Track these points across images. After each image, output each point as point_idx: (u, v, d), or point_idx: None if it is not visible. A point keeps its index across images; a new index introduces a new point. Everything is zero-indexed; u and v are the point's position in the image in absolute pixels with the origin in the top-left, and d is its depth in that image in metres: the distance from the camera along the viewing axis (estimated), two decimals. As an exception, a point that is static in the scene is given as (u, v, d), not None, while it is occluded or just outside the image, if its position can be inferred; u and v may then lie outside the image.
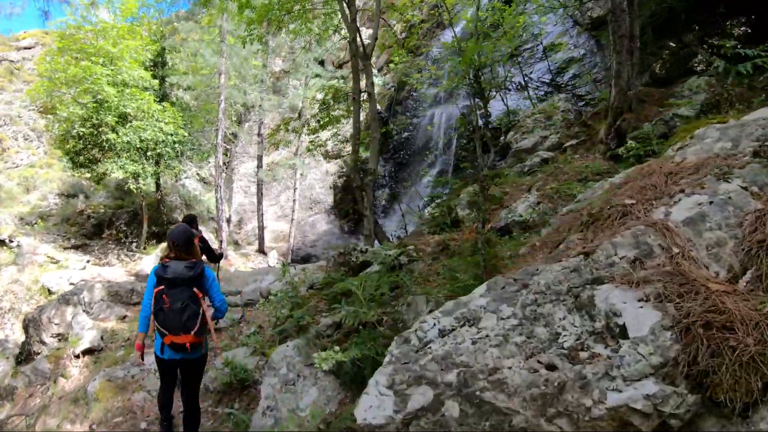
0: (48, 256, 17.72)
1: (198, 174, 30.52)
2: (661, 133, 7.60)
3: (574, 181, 7.72)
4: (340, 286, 5.94)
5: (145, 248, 19.68)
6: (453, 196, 10.08)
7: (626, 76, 8.57)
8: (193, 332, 4.39)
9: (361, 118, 10.93)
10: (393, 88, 28.48)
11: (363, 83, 10.12)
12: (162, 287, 4.39)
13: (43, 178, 25.06)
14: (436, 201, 9.24)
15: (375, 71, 30.89)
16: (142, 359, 4.91)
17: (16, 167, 28.11)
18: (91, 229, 20.85)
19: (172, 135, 17.76)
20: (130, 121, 17.04)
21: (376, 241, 10.07)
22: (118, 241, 20.43)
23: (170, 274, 4.40)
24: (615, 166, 7.60)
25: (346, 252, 8.22)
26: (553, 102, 13.46)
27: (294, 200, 23.51)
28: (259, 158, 23.55)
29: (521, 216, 7.29)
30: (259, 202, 23.45)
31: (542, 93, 20.26)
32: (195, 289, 4.44)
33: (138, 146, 17.13)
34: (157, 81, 18.79)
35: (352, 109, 10.10)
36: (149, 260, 18.63)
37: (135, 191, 18.28)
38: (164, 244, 19.92)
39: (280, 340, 6.75)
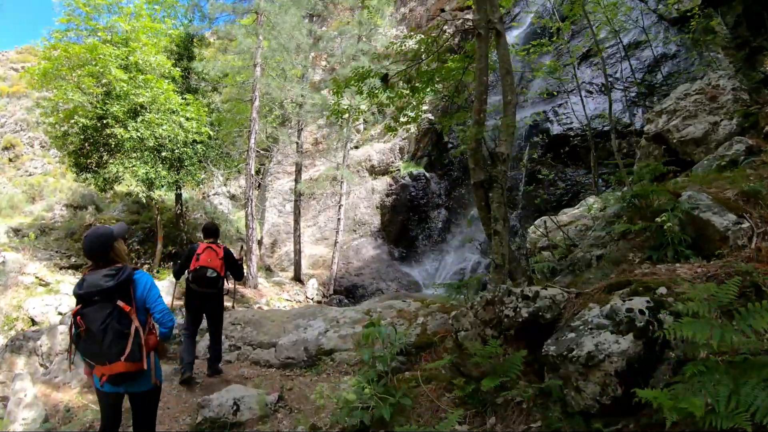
0: (37, 277, 14.31)
1: (227, 190, 27.25)
2: None
3: None
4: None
5: (158, 272, 16.17)
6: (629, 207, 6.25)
7: None
8: (123, 358, 3.29)
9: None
10: (446, 97, 24.95)
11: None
12: (78, 307, 3.34)
13: (51, 187, 22.04)
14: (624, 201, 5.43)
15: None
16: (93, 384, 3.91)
17: (30, 175, 25.34)
18: (98, 248, 17.49)
19: (195, 133, 14.28)
20: (143, 114, 13.66)
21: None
22: (129, 262, 17.01)
23: (84, 288, 3.35)
24: None
25: (495, 298, 4.44)
26: (710, 80, 9.67)
27: (339, 219, 19.83)
28: (298, 170, 19.96)
29: None
30: (297, 221, 19.85)
31: (633, 94, 17.35)
32: (119, 302, 3.33)
33: (152, 145, 13.72)
34: (179, 71, 15.42)
35: (477, 48, 6.28)
36: (161, 287, 15.11)
37: (147, 201, 14.84)
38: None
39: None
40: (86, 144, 14.53)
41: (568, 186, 18.45)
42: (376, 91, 7.51)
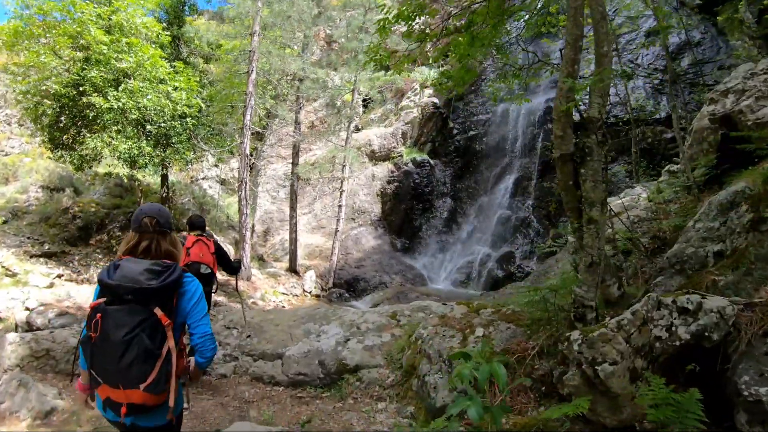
0: (3, 266, 12.68)
1: (217, 174, 25.58)
2: None
3: None
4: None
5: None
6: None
7: None
8: (143, 386, 2.44)
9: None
10: (452, 81, 23.47)
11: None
12: (100, 301, 2.46)
13: (27, 167, 20.26)
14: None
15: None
16: (89, 403, 2.83)
17: (5, 155, 23.52)
18: (75, 233, 15.80)
19: (184, 105, 12.63)
20: (126, 83, 11.99)
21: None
22: (108, 250, 15.35)
23: (117, 279, 2.46)
24: None
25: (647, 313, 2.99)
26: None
27: (340, 206, 18.28)
28: (296, 151, 18.33)
29: None
30: (293, 208, 18.28)
31: (657, 82, 16.57)
32: (157, 310, 2.47)
33: (135, 118, 12.08)
34: (168, 36, 13.71)
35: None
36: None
37: (129, 183, 13.23)
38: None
39: None
40: (62, 116, 12.83)
41: None
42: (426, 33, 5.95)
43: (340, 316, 7.56)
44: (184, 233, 6.82)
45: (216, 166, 23.20)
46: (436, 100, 23.19)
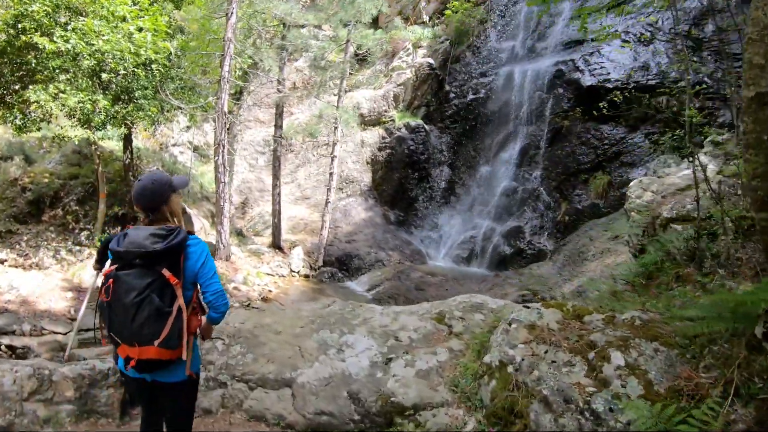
0: (-71, 251, 10.46)
1: (189, 141, 23.15)
2: None
3: None
4: None
5: (100, 240, 12.39)
6: None
7: None
8: (157, 342, 2.64)
9: None
10: (447, 41, 21.57)
11: None
12: (112, 268, 2.73)
13: (-31, 133, 17.70)
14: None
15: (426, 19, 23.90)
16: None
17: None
18: (25, 208, 13.49)
19: (150, 49, 10.33)
20: (77, 20, 9.66)
21: None
22: (63, 228, 13.12)
23: (125, 246, 2.72)
24: None
25: None
26: None
27: (331, 173, 16.17)
28: (279, 112, 16.08)
29: None
30: (276, 176, 16.14)
31: (679, 46, 14.30)
32: (165, 271, 2.68)
33: (89, 65, 9.80)
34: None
35: None
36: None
37: (85, 145, 10.95)
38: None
39: None
40: (4, 64, 10.44)
41: (605, 145, 15.53)
42: None
43: (364, 318, 5.64)
44: None
45: (189, 127, 20.74)
46: (431, 61, 21.16)
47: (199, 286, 2.92)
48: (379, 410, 4.18)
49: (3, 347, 7.31)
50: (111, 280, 2.66)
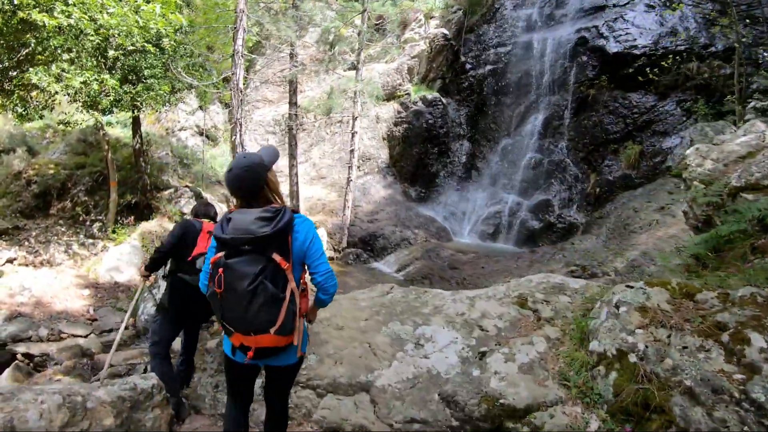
0: (-66, 250, 9.76)
1: (196, 125, 22.30)
2: None
3: None
4: None
5: (114, 231, 11.69)
6: None
7: None
8: (273, 330, 2.55)
9: None
10: (460, 11, 20.63)
11: None
12: (219, 256, 2.58)
13: (-31, 125, 16.91)
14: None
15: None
16: None
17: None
18: (30, 202, 12.73)
19: (161, 19, 9.46)
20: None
21: None
22: (73, 221, 12.38)
23: (231, 232, 2.57)
24: None
25: None
26: None
27: (352, 150, 15.35)
28: (294, 89, 15.21)
29: None
30: (293, 155, 15.34)
31: (708, 9, 14.00)
32: (275, 256, 2.54)
33: (93, 43, 8.98)
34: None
35: None
36: (119, 253, 10.71)
37: (94, 130, 10.16)
38: (146, 225, 11.98)
39: None
40: (1, 46, 9.59)
41: (635, 114, 14.86)
42: None
43: (435, 306, 4.92)
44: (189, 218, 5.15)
45: (201, 108, 19.86)
46: (445, 31, 20.22)
47: (306, 267, 2.80)
48: (484, 414, 3.47)
49: (19, 356, 6.62)
50: (221, 269, 2.54)
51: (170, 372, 4.58)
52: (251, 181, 2.67)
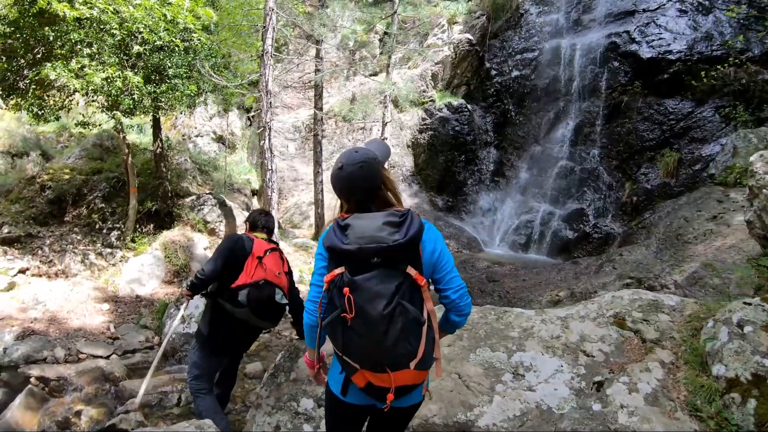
0: (-59, 261, 9.12)
1: (212, 131, 21.74)
2: None
3: None
4: None
5: (133, 240, 11.01)
6: None
7: None
8: (413, 364, 2.03)
9: None
10: (484, 16, 20.05)
11: None
12: (339, 272, 2.05)
13: (-18, 129, 16.37)
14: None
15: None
16: (319, 378, 2.58)
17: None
18: (44, 208, 12.06)
19: (190, 14, 8.83)
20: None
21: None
22: (90, 229, 11.71)
23: (354, 242, 2.03)
24: None
25: None
26: None
27: (381, 158, 14.71)
28: (319, 92, 14.57)
29: None
30: (318, 162, 14.72)
31: (743, 16, 13.91)
32: (410, 270, 2.04)
33: (117, 37, 8.36)
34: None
35: None
36: (140, 264, 10.01)
37: (115, 132, 9.50)
38: (168, 234, 11.29)
39: None
40: (11, 41, 8.94)
41: (671, 120, 14.29)
42: None
43: (523, 328, 4.17)
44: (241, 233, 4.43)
45: (220, 113, 19.28)
46: (470, 37, 19.59)
47: (433, 282, 2.28)
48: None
49: (33, 380, 5.91)
50: (346, 288, 1.99)
51: (219, 411, 3.89)
52: (368, 179, 2.24)
